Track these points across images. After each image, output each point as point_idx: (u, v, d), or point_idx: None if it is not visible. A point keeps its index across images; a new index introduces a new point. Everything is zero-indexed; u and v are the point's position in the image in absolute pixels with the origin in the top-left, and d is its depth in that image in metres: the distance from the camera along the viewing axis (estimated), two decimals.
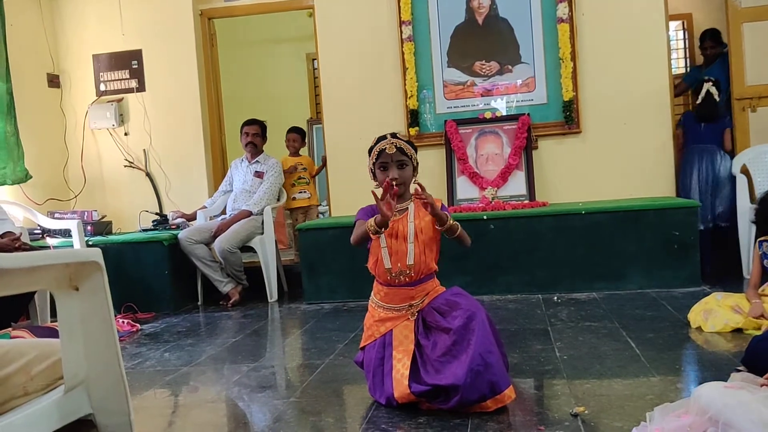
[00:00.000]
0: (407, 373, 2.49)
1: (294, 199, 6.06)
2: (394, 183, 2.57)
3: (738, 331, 3.29)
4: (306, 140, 6.33)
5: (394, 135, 2.69)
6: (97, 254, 1.37)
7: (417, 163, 2.72)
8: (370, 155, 2.71)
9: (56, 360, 1.43)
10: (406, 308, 2.64)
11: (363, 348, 2.72)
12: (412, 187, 2.73)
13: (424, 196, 2.57)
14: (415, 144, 2.84)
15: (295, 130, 6.26)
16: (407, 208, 2.69)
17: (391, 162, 2.65)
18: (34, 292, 4.19)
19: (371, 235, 2.62)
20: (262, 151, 5.58)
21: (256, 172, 5.46)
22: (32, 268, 1.23)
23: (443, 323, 2.53)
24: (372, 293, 2.76)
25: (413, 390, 2.45)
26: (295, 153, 6.20)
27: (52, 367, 1.43)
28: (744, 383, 2.05)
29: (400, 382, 2.49)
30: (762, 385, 2.04)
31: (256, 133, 5.53)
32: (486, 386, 2.36)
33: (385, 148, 2.64)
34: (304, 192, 6.09)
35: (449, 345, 2.48)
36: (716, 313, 3.35)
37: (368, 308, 2.76)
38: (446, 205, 2.78)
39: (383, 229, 2.58)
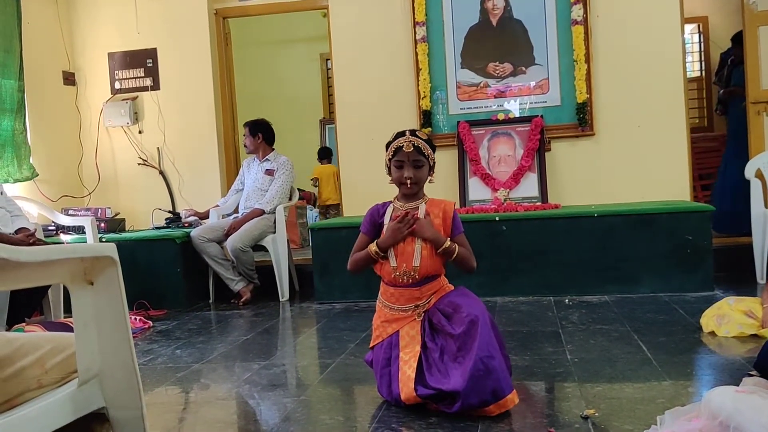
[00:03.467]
0: (413, 375, 2.49)
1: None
2: (412, 216, 2.56)
3: (752, 335, 3.26)
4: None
5: (413, 132, 2.63)
6: (112, 249, 1.38)
7: (434, 163, 2.67)
8: (387, 150, 2.67)
9: (70, 353, 1.44)
10: (412, 309, 2.63)
11: (372, 348, 2.72)
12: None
13: (413, 226, 2.57)
14: None
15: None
16: (418, 208, 2.66)
17: (407, 161, 2.60)
18: (47, 288, 4.23)
19: (372, 256, 2.63)
20: (273, 149, 5.56)
21: (266, 170, 5.47)
22: (48, 262, 1.24)
23: (447, 327, 2.52)
24: (379, 293, 2.75)
25: (419, 393, 2.45)
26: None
27: (66, 360, 1.45)
28: (756, 388, 2.04)
29: (406, 384, 2.48)
30: None
31: (245, 135, 5.51)
32: (488, 392, 2.34)
33: (402, 146, 2.59)
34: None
35: (455, 351, 2.47)
36: (730, 318, 3.33)
37: (376, 308, 2.76)
38: (459, 219, 2.71)
39: (385, 254, 2.60)
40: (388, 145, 2.68)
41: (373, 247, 2.62)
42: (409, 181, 2.59)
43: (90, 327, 1.39)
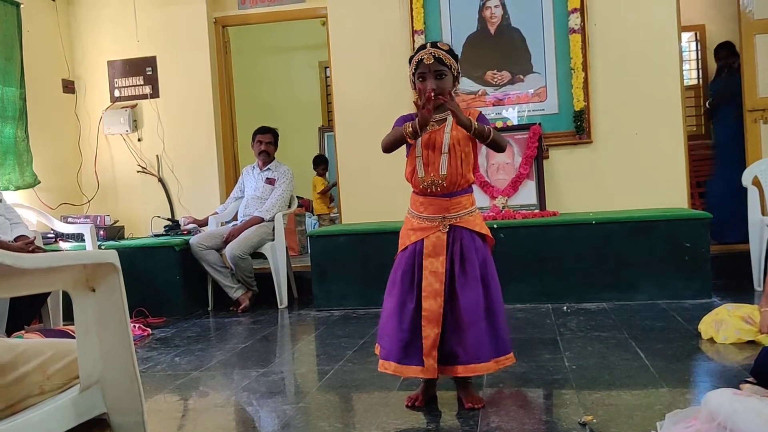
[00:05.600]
0: (441, 289, 2.56)
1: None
2: (432, 94, 2.51)
3: (750, 341, 3.27)
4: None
5: (434, 44, 2.63)
6: (113, 256, 1.39)
7: (458, 72, 2.66)
8: (410, 64, 2.66)
9: (72, 360, 1.45)
10: (440, 219, 2.62)
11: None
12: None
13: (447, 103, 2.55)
14: None
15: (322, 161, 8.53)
16: (445, 119, 2.65)
17: (429, 72, 2.57)
18: (47, 296, 4.23)
19: (408, 140, 2.59)
20: (274, 158, 5.60)
21: (267, 178, 5.49)
22: (51, 269, 1.26)
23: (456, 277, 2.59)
24: (409, 205, 2.74)
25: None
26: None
27: (67, 366, 1.45)
28: (753, 393, 2.05)
29: (432, 297, 2.56)
30: None
31: (269, 142, 5.54)
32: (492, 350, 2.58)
33: (423, 59, 2.57)
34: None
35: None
36: (728, 324, 3.34)
37: (404, 220, 2.75)
38: (486, 117, 2.73)
39: (421, 133, 2.56)
40: (410, 60, 2.67)
41: (408, 128, 2.56)
42: (432, 93, 2.55)
43: (91, 333, 1.40)
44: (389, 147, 2.70)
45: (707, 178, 6.63)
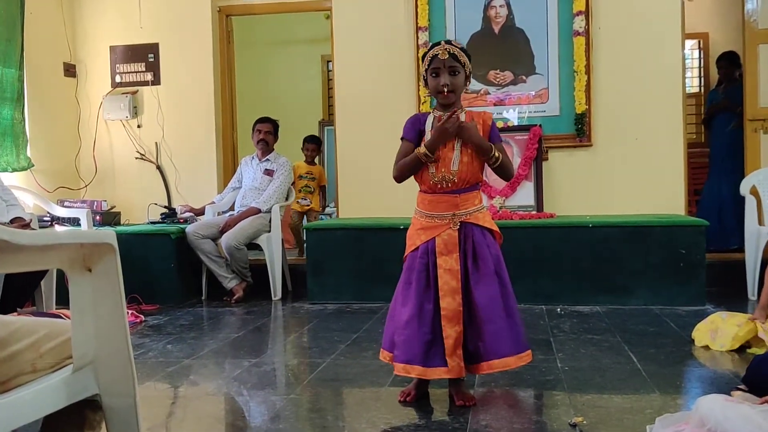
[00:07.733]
0: (459, 286, 2.55)
1: (298, 202, 6.47)
2: (457, 117, 2.53)
3: (741, 349, 3.28)
4: (322, 149, 7.06)
5: (448, 42, 2.63)
6: (112, 236, 1.39)
7: (470, 72, 2.64)
8: (423, 61, 2.65)
9: (66, 339, 1.45)
10: (450, 217, 2.60)
11: (405, 258, 2.70)
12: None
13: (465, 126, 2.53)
14: None
15: (312, 140, 6.79)
16: (457, 117, 2.62)
17: (443, 68, 2.56)
18: (40, 279, 4.22)
19: (422, 160, 2.56)
20: (273, 149, 5.60)
21: (266, 170, 5.49)
22: (48, 246, 1.25)
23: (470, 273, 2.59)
24: (416, 206, 2.71)
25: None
26: (310, 161, 6.72)
27: (61, 345, 1.45)
28: (744, 400, 2.05)
29: (450, 295, 2.55)
30: (762, 402, 2.03)
31: (268, 131, 5.55)
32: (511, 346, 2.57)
33: (438, 54, 2.56)
34: (305, 199, 6.56)
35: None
36: (723, 331, 3.34)
37: (411, 221, 2.72)
38: (498, 130, 2.72)
39: (433, 156, 2.54)
40: (423, 57, 2.66)
41: (421, 149, 2.57)
42: (445, 89, 2.56)
43: (87, 314, 1.39)
44: (404, 173, 2.64)
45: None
